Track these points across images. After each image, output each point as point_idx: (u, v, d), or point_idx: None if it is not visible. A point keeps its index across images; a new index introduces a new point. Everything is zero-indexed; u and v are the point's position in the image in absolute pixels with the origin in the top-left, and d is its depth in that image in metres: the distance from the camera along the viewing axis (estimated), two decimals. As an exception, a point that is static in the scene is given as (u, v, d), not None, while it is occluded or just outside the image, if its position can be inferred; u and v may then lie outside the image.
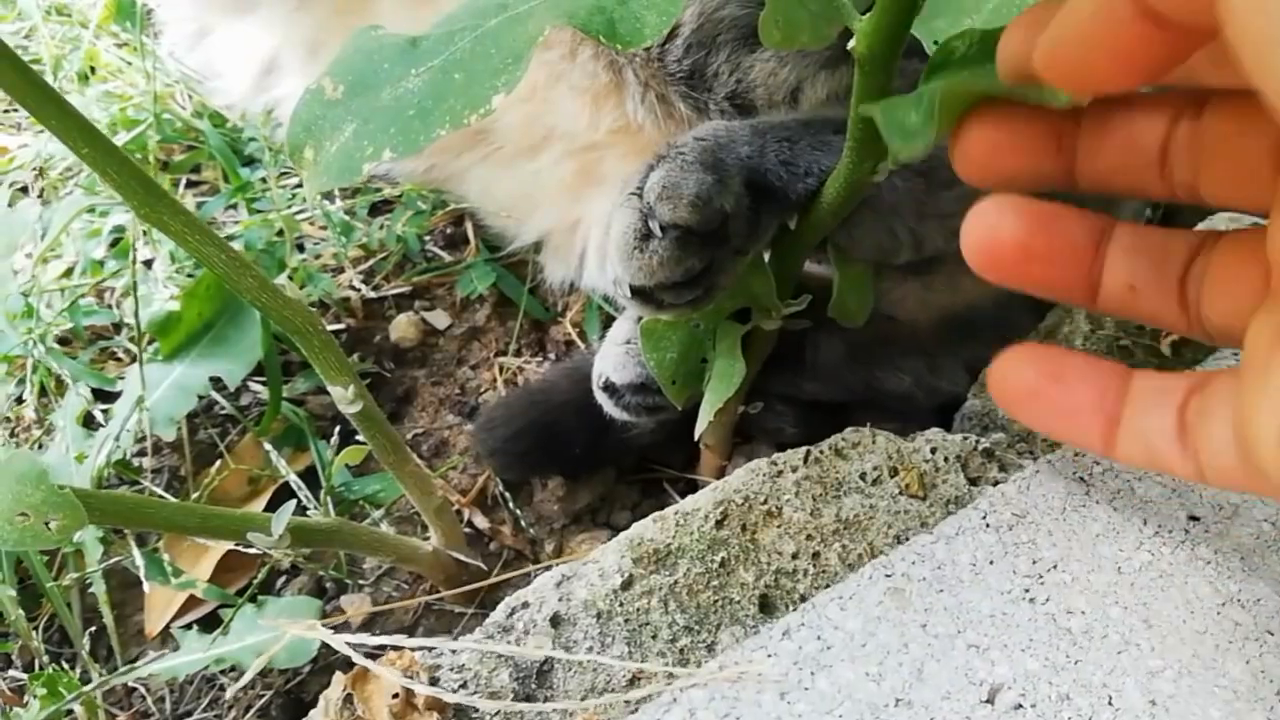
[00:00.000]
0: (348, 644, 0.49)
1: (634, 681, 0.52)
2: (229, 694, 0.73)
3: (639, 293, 0.60)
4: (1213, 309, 0.40)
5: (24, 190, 1.00)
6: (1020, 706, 0.42)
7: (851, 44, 0.46)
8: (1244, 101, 0.37)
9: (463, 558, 0.75)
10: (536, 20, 0.43)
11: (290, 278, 0.90)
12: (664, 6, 0.43)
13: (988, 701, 0.42)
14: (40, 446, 0.80)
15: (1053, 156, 0.42)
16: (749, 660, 0.43)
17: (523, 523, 0.83)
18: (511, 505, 0.84)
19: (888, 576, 0.46)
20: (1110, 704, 0.42)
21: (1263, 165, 0.36)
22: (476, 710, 0.57)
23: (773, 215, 0.62)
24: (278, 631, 0.70)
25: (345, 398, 0.61)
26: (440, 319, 0.95)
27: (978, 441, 0.69)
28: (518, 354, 0.93)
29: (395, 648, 0.59)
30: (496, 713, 0.56)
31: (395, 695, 0.56)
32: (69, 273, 0.90)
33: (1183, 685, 0.43)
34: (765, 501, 0.65)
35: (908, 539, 0.52)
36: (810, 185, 0.61)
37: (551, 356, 0.94)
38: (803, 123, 0.65)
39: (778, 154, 0.62)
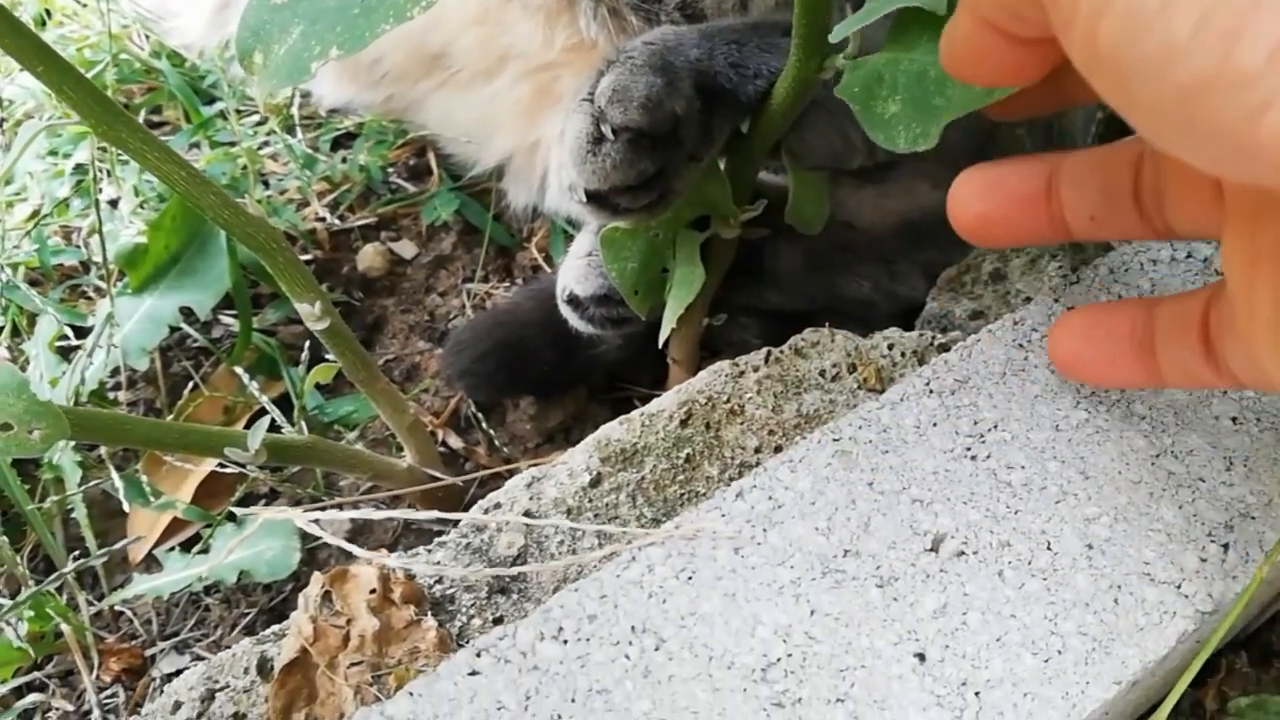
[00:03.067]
0: (321, 529, 0.50)
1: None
2: (214, 614, 0.75)
3: (594, 197, 0.61)
4: (1179, 220, 0.40)
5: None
6: (963, 553, 0.44)
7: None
8: None
9: (437, 474, 0.77)
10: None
11: (255, 209, 0.90)
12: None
13: (931, 550, 0.44)
14: (15, 381, 0.81)
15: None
16: (704, 520, 0.45)
17: (496, 442, 0.85)
18: (484, 425, 0.85)
19: (835, 440, 0.48)
20: (1049, 549, 0.44)
21: (1207, 188, 0.38)
22: (453, 603, 0.59)
23: (724, 118, 0.64)
24: (258, 549, 0.72)
25: (312, 314, 0.62)
26: (407, 248, 0.96)
27: (934, 338, 0.71)
28: (485, 280, 0.95)
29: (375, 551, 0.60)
30: (472, 604, 0.58)
31: (373, 590, 0.58)
32: (35, 214, 0.91)
33: (1118, 530, 0.45)
34: (728, 400, 0.66)
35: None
36: (760, 86, 0.62)
37: (519, 281, 0.96)
38: (751, 26, 0.66)
39: (726, 56, 0.62)
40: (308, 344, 0.80)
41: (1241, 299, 0.33)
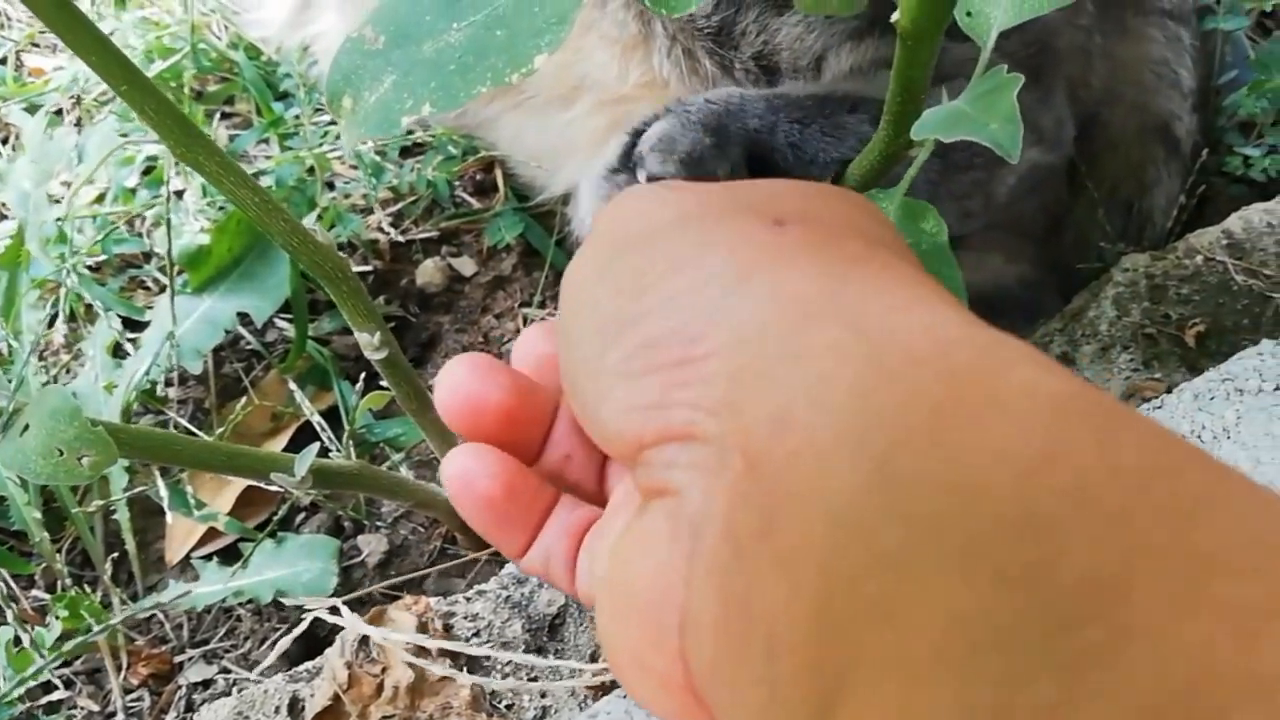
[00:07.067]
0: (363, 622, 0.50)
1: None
2: (245, 626, 0.75)
3: None
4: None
5: (59, 114, 1.00)
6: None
7: (895, 17, 0.46)
8: None
9: (479, 505, 0.76)
10: (581, -20, 0.42)
11: (320, 217, 0.90)
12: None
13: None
14: (68, 372, 0.81)
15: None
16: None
17: (540, 472, 0.84)
18: (529, 455, 0.84)
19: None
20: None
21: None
22: (489, 659, 0.58)
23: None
24: (295, 569, 0.72)
25: (371, 344, 0.62)
26: (467, 266, 0.95)
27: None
28: (542, 305, 0.93)
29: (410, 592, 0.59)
30: (508, 662, 0.57)
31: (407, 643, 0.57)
32: (101, 199, 0.91)
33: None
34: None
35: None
36: (815, 174, 0.60)
37: (575, 308, 0.94)
38: (819, 100, 0.64)
39: (788, 135, 0.61)
40: (361, 364, 0.79)
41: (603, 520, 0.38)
